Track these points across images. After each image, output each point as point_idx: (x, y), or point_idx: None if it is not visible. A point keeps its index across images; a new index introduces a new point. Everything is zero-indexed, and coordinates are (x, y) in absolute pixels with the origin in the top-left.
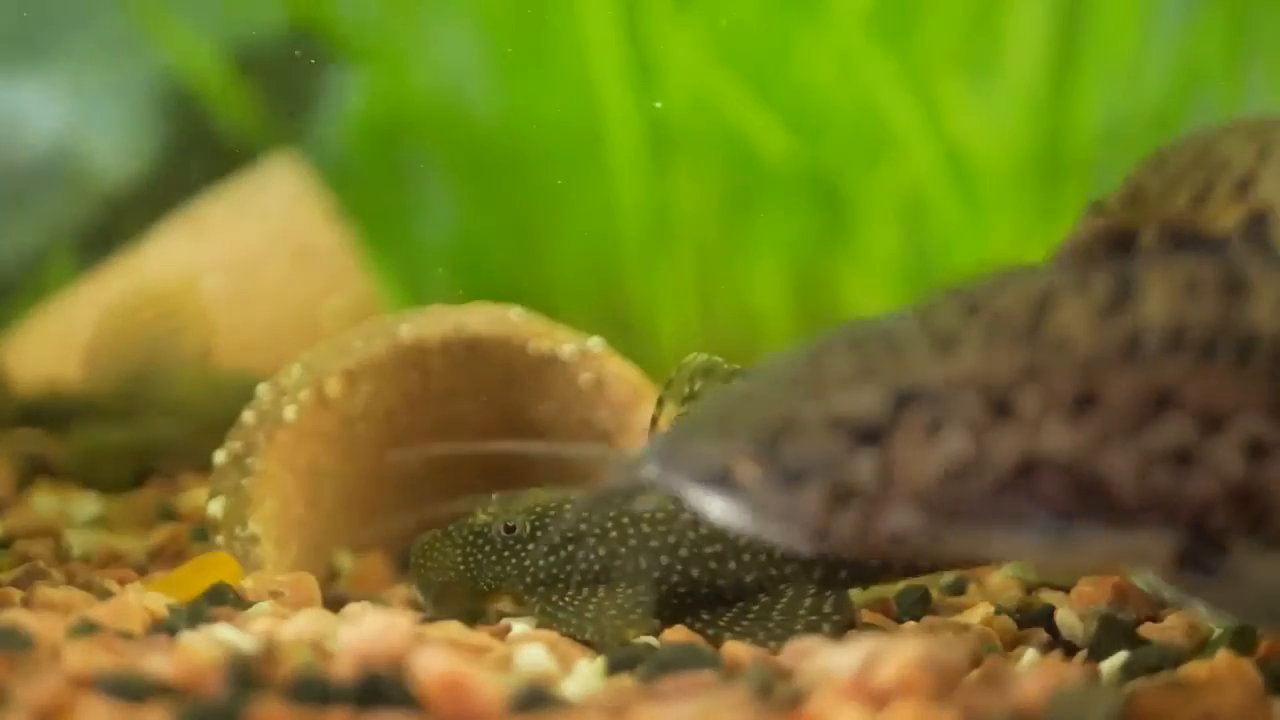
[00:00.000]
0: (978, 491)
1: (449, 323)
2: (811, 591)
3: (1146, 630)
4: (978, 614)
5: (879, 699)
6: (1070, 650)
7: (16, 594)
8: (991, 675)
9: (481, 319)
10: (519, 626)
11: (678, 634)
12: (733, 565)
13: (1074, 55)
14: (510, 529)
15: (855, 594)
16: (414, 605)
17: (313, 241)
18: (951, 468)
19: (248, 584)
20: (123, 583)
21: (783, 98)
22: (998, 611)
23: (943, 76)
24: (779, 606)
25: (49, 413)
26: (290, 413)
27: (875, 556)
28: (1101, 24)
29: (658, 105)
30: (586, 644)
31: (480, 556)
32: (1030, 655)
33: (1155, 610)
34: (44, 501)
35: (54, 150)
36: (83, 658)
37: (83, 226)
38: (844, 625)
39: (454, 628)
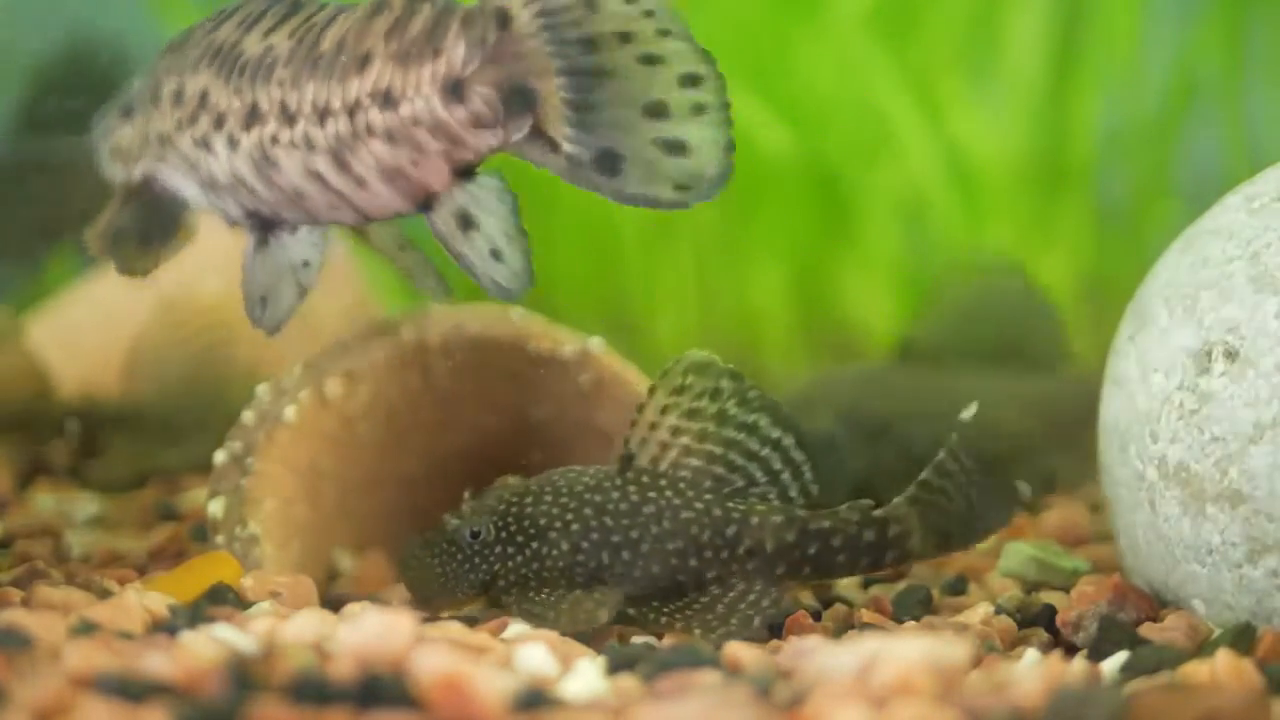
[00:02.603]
0: (159, 156)
1: (449, 323)
2: (757, 586)
3: (1146, 630)
4: (978, 614)
5: (879, 699)
6: (1070, 650)
7: (16, 594)
8: (991, 675)
9: (481, 319)
10: (518, 626)
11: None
12: (693, 561)
13: (1074, 57)
14: (476, 534)
15: (853, 594)
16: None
17: None
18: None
19: (248, 583)
20: (123, 583)
21: (783, 98)
22: (998, 611)
23: (943, 77)
24: (725, 600)
25: (87, 422)
26: (290, 413)
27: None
28: (1101, 26)
29: None
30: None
31: (454, 565)
32: (1030, 655)
33: (1155, 610)
34: (44, 501)
35: None
36: (83, 658)
37: None
38: (777, 618)
39: (454, 628)
